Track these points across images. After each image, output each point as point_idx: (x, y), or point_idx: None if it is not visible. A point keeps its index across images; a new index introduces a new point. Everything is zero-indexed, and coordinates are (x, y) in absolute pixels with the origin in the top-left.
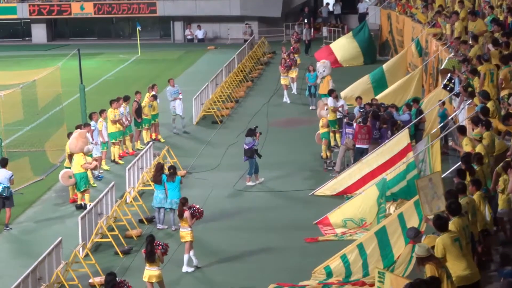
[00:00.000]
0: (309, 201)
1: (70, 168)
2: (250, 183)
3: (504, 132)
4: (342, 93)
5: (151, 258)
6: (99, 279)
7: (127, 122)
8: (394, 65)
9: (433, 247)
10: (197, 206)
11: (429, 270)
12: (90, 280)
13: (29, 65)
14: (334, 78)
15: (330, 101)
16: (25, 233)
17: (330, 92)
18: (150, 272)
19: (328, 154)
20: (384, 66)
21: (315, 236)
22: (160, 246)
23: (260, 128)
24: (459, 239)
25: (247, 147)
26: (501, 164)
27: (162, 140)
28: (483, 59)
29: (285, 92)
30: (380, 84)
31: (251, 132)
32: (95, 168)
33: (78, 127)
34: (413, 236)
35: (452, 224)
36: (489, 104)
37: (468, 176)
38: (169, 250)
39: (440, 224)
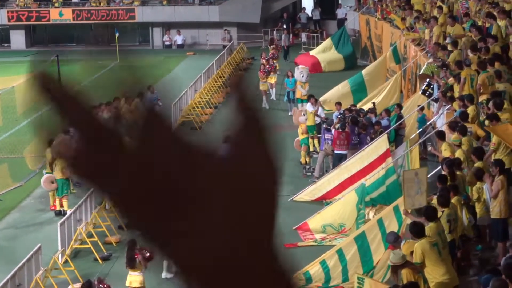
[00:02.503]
0: (288, 206)
1: (51, 173)
2: None
3: (483, 138)
4: (321, 98)
5: (131, 264)
6: (78, 286)
7: None
8: (373, 71)
9: (411, 253)
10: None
11: (405, 276)
12: (70, 287)
13: (8, 72)
14: (313, 84)
15: (309, 106)
16: (4, 240)
17: (309, 97)
18: (132, 278)
19: (308, 159)
20: (364, 71)
21: (294, 242)
22: (145, 250)
23: None
24: (437, 244)
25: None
26: (471, 172)
27: None
28: (465, 64)
29: (264, 97)
30: (359, 89)
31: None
32: None
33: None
34: (393, 241)
35: (428, 229)
36: (470, 109)
37: (449, 181)
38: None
39: (416, 231)
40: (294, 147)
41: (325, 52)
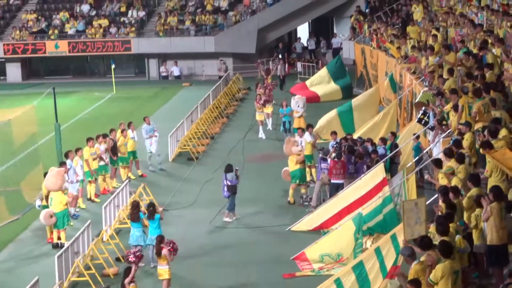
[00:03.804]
0: (286, 236)
1: (47, 207)
2: (227, 219)
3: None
4: (314, 129)
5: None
6: None
7: (107, 160)
8: (364, 101)
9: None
10: (171, 240)
11: None
12: None
13: (3, 104)
14: (310, 114)
15: (307, 136)
16: (2, 273)
17: (307, 127)
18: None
19: (292, 200)
20: (353, 101)
21: (293, 272)
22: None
23: (236, 164)
24: (459, 272)
25: (230, 184)
26: (468, 198)
27: (133, 177)
28: (463, 91)
29: (261, 127)
30: (347, 119)
31: (231, 168)
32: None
33: (62, 164)
34: (407, 255)
35: (443, 267)
36: (467, 136)
37: (445, 208)
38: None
39: (443, 250)
40: (282, 177)
41: (321, 84)
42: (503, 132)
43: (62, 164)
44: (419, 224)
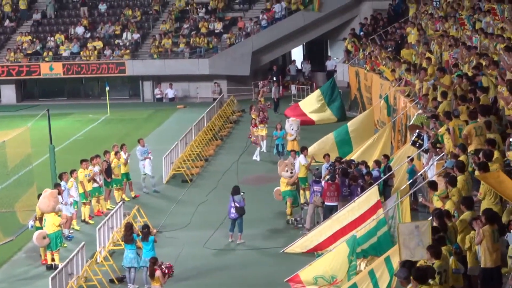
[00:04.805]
0: (280, 258)
1: (41, 228)
2: (241, 241)
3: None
4: (309, 151)
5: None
6: None
7: (101, 182)
8: (360, 123)
9: None
10: (168, 263)
11: None
12: None
13: None
14: (304, 136)
15: (301, 158)
16: None
17: (302, 150)
18: None
19: (288, 211)
20: (349, 124)
21: None
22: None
23: (230, 185)
24: None
25: (238, 206)
26: (461, 221)
27: (127, 199)
28: (454, 115)
29: (258, 149)
30: (344, 142)
31: (238, 190)
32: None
33: (56, 186)
34: (403, 277)
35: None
36: (462, 158)
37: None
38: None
39: (419, 276)
40: (274, 197)
41: (315, 107)
42: (495, 155)
43: (56, 185)
44: (422, 246)
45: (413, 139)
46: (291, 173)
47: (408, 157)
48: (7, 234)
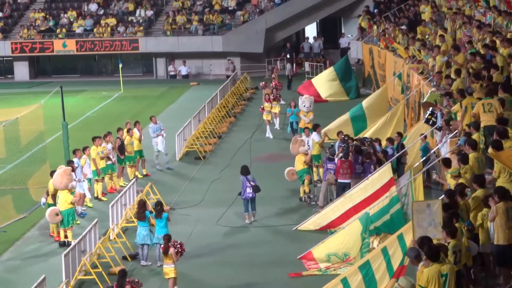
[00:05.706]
0: (293, 236)
1: (53, 205)
2: (254, 218)
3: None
4: (324, 130)
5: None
6: None
7: (114, 159)
8: (374, 101)
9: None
10: (180, 241)
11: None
12: None
13: (11, 103)
14: (317, 114)
15: (315, 135)
16: (9, 271)
17: (315, 127)
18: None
19: (306, 190)
20: (364, 102)
21: (299, 271)
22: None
23: (243, 163)
24: (448, 275)
25: (253, 184)
26: (473, 199)
27: (140, 176)
28: (467, 92)
29: (268, 127)
30: (359, 119)
31: (248, 169)
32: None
33: (69, 163)
34: (413, 256)
35: (428, 271)
36: (475, 136)
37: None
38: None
39: (430, 254)
40: (286, 177)
41: (327, 84)
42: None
43: (69, 162)
44: (433, 226)
45: (426, 116)
46: (309, 146)
47: (422, 134)
48: (20, 211)
